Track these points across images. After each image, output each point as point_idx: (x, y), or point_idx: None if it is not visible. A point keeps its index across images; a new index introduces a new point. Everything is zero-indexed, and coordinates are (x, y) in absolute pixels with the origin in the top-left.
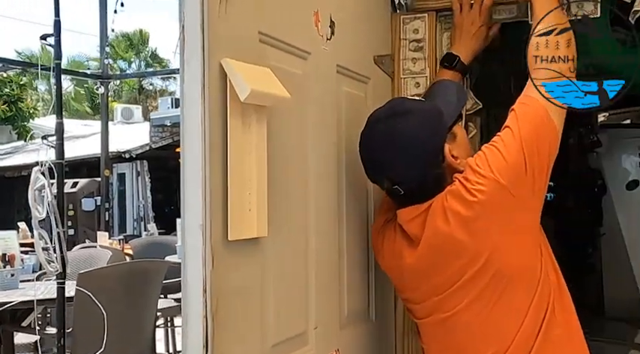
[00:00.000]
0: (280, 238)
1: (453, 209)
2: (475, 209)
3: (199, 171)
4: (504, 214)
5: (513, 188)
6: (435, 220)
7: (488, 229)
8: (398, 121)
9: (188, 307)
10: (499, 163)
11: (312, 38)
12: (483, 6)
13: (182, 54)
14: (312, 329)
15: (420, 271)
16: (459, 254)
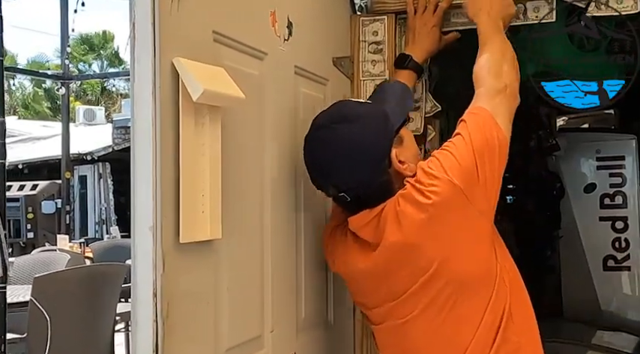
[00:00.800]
0: (235, 240)
1: (405, 213)
2: (429, 211)
3: (150, 172)
4: (458, 217)
5: (467, 191)
6: (388, 225)
7: (441, 233)
8: (342, 126)
9: (138, 311)
10: (453, 166)
11: (269, 39)
12: (439, 8)
13: (132, 52)
14: (269, 332)
15: (373, 277)
16: (411, 260)
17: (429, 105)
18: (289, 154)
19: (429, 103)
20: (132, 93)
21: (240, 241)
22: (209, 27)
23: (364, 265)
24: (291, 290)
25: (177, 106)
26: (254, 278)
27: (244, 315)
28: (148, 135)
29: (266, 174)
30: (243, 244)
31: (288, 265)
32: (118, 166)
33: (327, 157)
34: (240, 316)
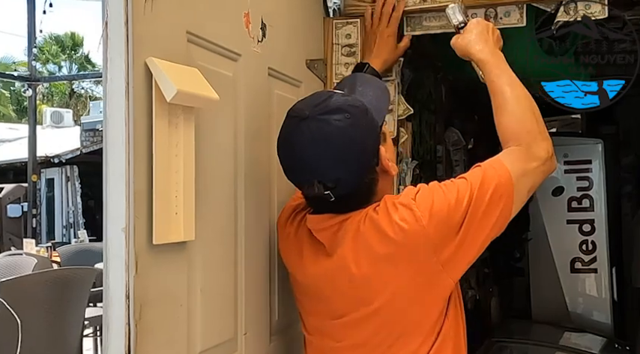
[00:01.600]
0: (208, 241)
1: (366, 239)
2: (389, 249)
3: (123, 172)
4: (418, 265)
5: (439, 245)
6: (346, 241)
7: (395, 274)
8: (332, 118)
9: (110, 314)
10: (438, 212)
11: (243, 40)
12: (392, 18)
13: (105, 52)
14: (242, 335)
15: (318, 285)
16: (358, 287)
17: (402, 108)
18: (263, 156)
19: (401, 105)
20: (104, 93)
21: (213, 243)
22: (183, 27)
23: (314, 269)
24: (264, 292)
25: (151, 107)
26: (228, 280)
27: (218, 317)
28: (121, 135)
29: (240, 175)
30: (217, 246)
31: (262, 267)
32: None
33: (316, 152)
34: (214, 318)
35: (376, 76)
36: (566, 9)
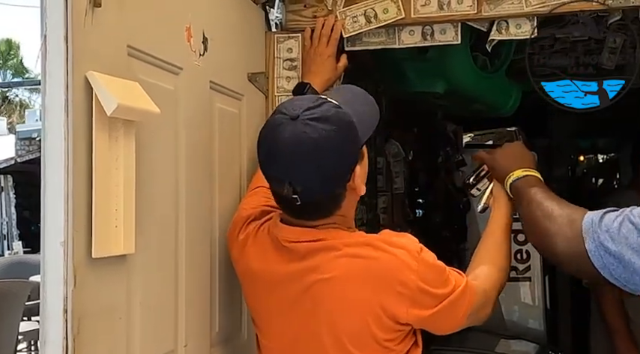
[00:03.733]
0: (149, 254)
1: (340, 262)
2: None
3: (61, 186)
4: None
5: (416, 302)
6: (326, 260)
7: (358, 306)
8: (319, 126)
9: (47, 328)
10: (436, 280)
11: (184, 53)
12: (331, 39)
13: (44, 65)
14: (182, 347)
15: (280, 286)
16: (314, 308)
17: None
18: (204, 168)
19: None
20: (43, 106)
21: (154, 256)
22: (123, 41)
23: (280, 267)
24: (205, 304)
25: (91, 121)
26: (168, 292)
27: (158, 330)
28: (60, 149)
29: (181, 188)
30: (158, 259)
31: (203, 280)
32: (21, 178)
33: (295, 155)
34: (154, 330)
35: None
36: (499, 28)
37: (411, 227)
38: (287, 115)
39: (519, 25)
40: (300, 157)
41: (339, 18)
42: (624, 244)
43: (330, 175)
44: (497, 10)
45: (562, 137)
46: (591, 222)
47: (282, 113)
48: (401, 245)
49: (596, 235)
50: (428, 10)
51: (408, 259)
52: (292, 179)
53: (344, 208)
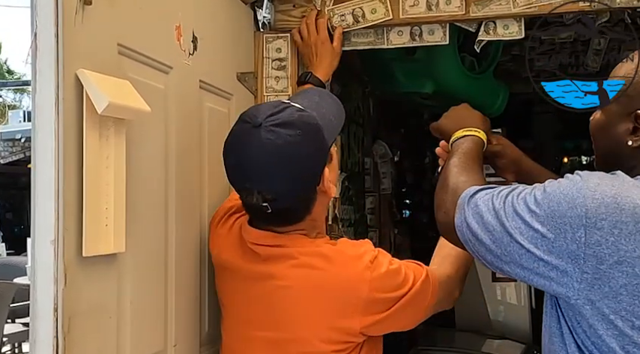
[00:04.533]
0: (139, 253)
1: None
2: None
3: (52, 184)
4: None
5: (367, 309)
6: (289, 267)
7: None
8: (284, 131)
9: (37, 327)
10: (393, 284)
11: (174, 52)
12: (320, 24)
13: (34, 63)
14: (172, 347)
15: (243, 282)
16: (274, 312)
17: None
18: (194, 167)
19: None
20: (33, 105)
21: (144, 255)
22: (114, 39)
23: (245, 265)
24: (195, 304)
25: (81, 119)
26: (158, 292)
27: (147, 329)
28: (50, 147)
29: (170, 187)
30: (148, 258)
31: (193, 279)
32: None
33: (262, 162)
34: (144, 330)
35: (320, 84)
36: (486, 29)
37: (398, 227)
38: (250, 123)
39: (507, 25)
40: (266, 165)
41: (328, 15)
42: (481, 224)
43: (300, 181)
44: (484, 11)
45: (547, 139)
46: (465, 196)
47: (245, 122)
48: (355, 256)
49: (463, 210)
50: (416, 10)
51: (362, 271)
52: (261, 188)
53: (314, 212)
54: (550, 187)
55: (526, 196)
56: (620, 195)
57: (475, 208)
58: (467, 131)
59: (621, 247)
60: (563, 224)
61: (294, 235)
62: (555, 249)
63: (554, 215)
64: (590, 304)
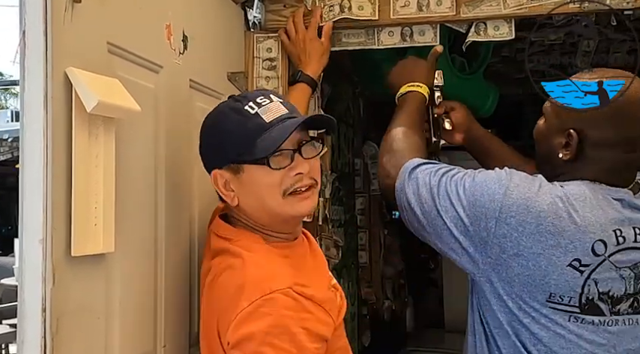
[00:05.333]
0: (128, 253)
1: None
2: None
3: (40, 183)
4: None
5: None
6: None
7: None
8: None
9: (25, 328)
10: None
11: (164, 51)
12: (311, 23)
13: (23, 62)
14: (161, 347)
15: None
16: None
17: None
18: (184, 167)
19: None
20: (22, 103)
21: (133, 255)
22: (103, 38)
23: (203, 266)
24: (184, 304)
25: (70, 118)
26: (147, 292)
27: (136, 330)
28: (39, 146)
29: (160, 186)
30: (137, 258)
31: (182, 279)
32: None
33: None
34: (133, 330)
35: (311, 83)
36: (477, 30)
37: (387, 228)
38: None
39: (497, 26)
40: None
41: (317, 5)
42: (416, 195)
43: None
44: (475, 12)
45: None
46: (408, 167)
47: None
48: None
49: (404, 180)
50: (407, 11)
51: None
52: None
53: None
54: (479, 177)
55: (457, 180)
56: (531, 199)
57: (415, 180)
58: (410, 87)
59: (522, 242)
60: (480, 214)
61: (247, 232)
62: (469, 233)
63: (475, 204)
64: (489, 283)
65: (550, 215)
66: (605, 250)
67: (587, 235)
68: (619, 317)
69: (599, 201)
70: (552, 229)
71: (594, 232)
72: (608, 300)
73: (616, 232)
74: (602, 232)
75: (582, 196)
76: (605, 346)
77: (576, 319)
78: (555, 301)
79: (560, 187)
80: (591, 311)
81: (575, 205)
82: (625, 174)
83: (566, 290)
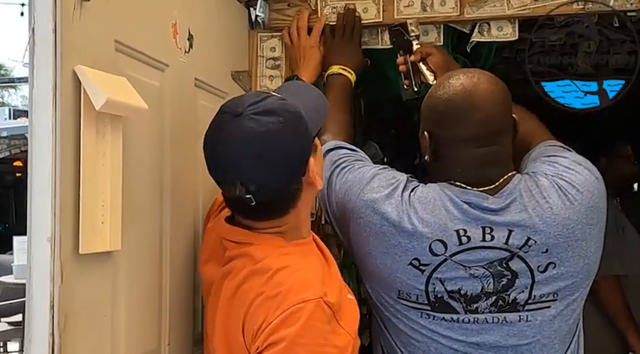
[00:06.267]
0: (134, 251)
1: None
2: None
3: (48, 181)
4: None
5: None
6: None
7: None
8: (265, 118)
9: (33, 325)
10: None
11: (170, 50)
12: (314, 29)
13: (32, 59)
14: (165, 346)
15: (205, 288)
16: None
17: None
18: (189, 165)
19: None
20: (30, 101)
21: (139, 253)
22: (111, 36)
23: (209, 271)
24: (189, 303)
25: (79, 115)
26: (152, 290)
27: (142, 327)
28: (48, 144)
29: (166, 184)
30: (143, 256)
31: (187, 278)
32: None
33: (244, 151)
34: (138, 328)
35: None
36: (481, 30)
37: None
38: (230, 113)
39: (501, 27)
40: (248, 154)
41: (320, 6)
42: (323, 172)
43: (284, 170)
44: (479, 12)
45: None
46: (324, 148)
47: (224, 112)
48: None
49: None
50: (411, 11)
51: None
52: (243, 178)
53: (300, 205)
54: (353, 174)
55: (342, 172)
56: (378, 201)
57: (325, 160)
58: (340, 69)
59: (370, 241)
60: (346, 208)
61: (267, 234)
62: (339, 222)
63: (344, 198)
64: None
65: (392, 216)
66: (445, 250)
67: (424, 235)
68: (479, 315)
69: (444, 202)
70: (393, 230)
71: (432, 233)
72: (461, 298)
73: (459, 232)
74: (442, 232)
75: (427, 198)
76: (463, 342)
77: (428, 316)
78: (404, 298)
79: (410, 191)
80: (442, 309)
81: (416, 208)
82: (487, 169)
83: (411, 288)
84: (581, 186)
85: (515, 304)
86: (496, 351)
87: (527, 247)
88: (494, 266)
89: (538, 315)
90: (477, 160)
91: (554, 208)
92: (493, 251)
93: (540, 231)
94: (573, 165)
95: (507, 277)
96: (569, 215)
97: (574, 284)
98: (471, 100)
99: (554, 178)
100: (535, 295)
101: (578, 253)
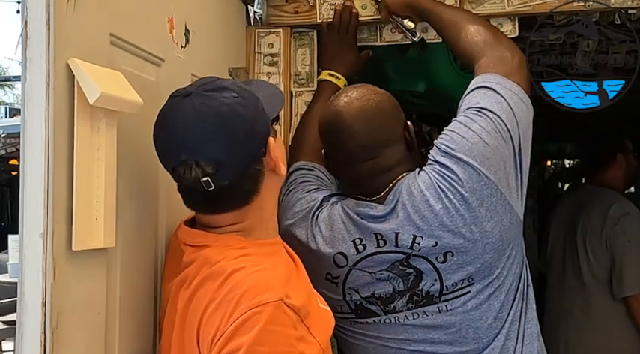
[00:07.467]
0: (129, 248)
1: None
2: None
3: (41, 176)
4: None
5: None
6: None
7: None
8: (219, 94)
9: (25, 322)
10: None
11: (167, 45)
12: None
13: (24, 52)
14: (159, 344)
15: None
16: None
17: None
18: None
19: None
20: (23, 95)
21: (134, 250)
22: (106, 29)
23: (168, 284)
24: None
25: (72, 110)
26: (148, 288)
27: (136, 326)
28: (41, 138)
29: (161, 181)
30: (138, 253)
31: None
32: None
33: (197, 127)
34: (132, 326)
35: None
36: None
37: None
38: (180, 95)
39: (501, 24)
40: (203, 129)
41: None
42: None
43: (241, 145)
44: (479, 9)
45: (532, 141)
46: (291, 168)
47: (173, 96)
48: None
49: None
50: None
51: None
52: (199, 157)
53: (263, 193)
54: (287, 198)
55: (286, 194)
56: (294, 225)
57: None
58: (328, 75)
59: (303, 259)
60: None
61: (227, 234)
62: None
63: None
64: None
65: (302, 239)
66: (347, 261)
67: (327, 250)
68: (398, 314)
69: (342, 217)
70: (307, 248)
71: (334, 247)
72: (377, 301)
73: (355, 242)
74: (342, 245)
75: (329, 216)
76: (394, 339)
77: (356, 323)
78: (334, 310)
79: (319, 211)
80: (364, 314)
81: (320, 227)
82: (373, 181)
83: (333, 300)
84: (462, 172)
85: (431, 296)
86: (429, 343)
87: (417, 245)
88: (396, 267)
89: (458, 302)
90: (365, 174)
91: (430, 201)
92: (389, 255)
93: (422, 228)
94: (467, 133)
95: (413, 274)
96: (447, 205)
97: (486, 263)
98: (342, 121)
99: (432, 166)
100: (447, 285)
101: (471, 237)
